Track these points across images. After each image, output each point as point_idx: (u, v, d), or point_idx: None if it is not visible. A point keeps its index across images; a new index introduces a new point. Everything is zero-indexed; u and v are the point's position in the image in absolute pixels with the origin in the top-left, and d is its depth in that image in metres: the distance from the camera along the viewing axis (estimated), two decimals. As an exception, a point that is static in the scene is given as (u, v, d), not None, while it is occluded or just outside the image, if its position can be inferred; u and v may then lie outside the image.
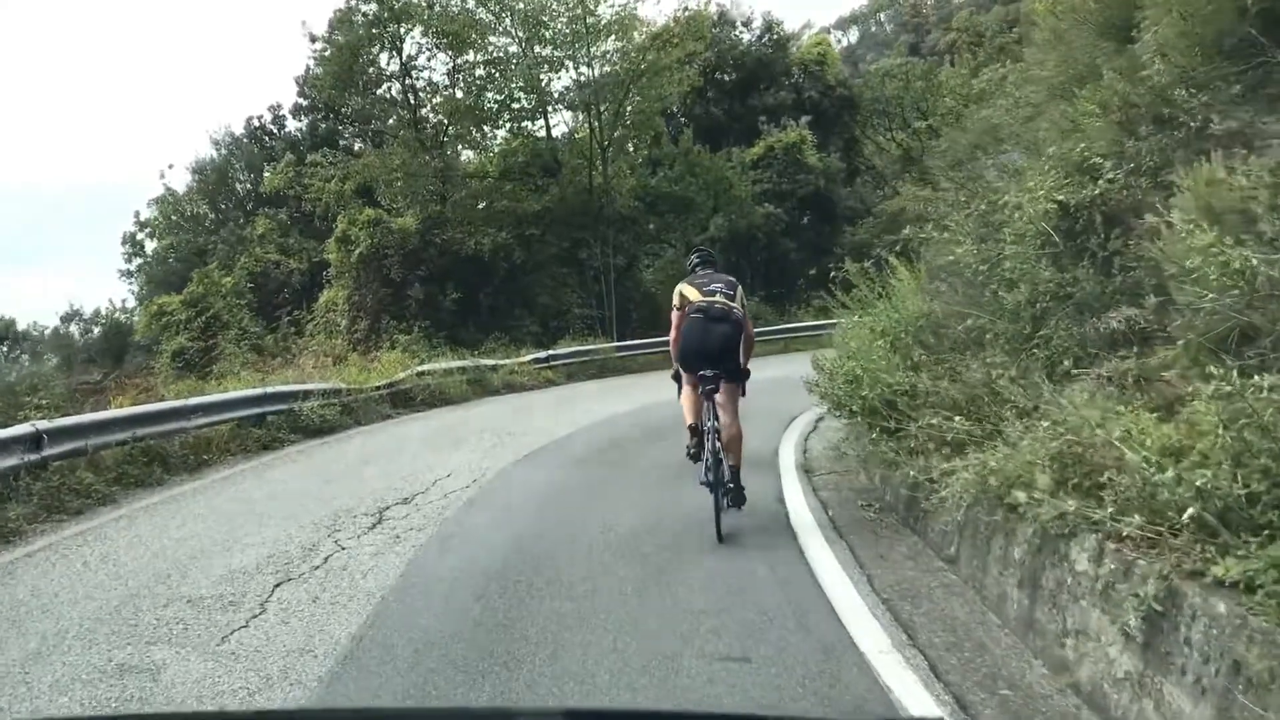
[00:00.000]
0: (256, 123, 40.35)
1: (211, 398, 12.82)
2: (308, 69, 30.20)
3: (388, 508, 7.73)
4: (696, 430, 6.57)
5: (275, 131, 40.00)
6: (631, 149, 30.45)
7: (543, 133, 29.43)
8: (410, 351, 22.68)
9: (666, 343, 6.98)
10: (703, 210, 30.58)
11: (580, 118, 29.53)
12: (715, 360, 6.33)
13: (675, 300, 6.67)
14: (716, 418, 6.30)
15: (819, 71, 38.77)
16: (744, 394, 6.68)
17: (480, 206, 28.33)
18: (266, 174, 34.79)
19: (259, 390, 13.59)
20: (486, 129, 28.64)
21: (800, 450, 9.71)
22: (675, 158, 29.81)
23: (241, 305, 26.40)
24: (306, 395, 13.97)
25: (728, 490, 6.25)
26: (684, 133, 30.78)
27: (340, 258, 26.37)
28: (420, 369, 18.05)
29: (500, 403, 18.04)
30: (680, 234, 31.49)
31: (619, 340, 25.58)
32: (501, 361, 21.00)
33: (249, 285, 28.08)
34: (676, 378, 6.96)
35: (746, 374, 6.65)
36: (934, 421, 5.39)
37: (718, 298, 6.46)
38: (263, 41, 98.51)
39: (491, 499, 8.08)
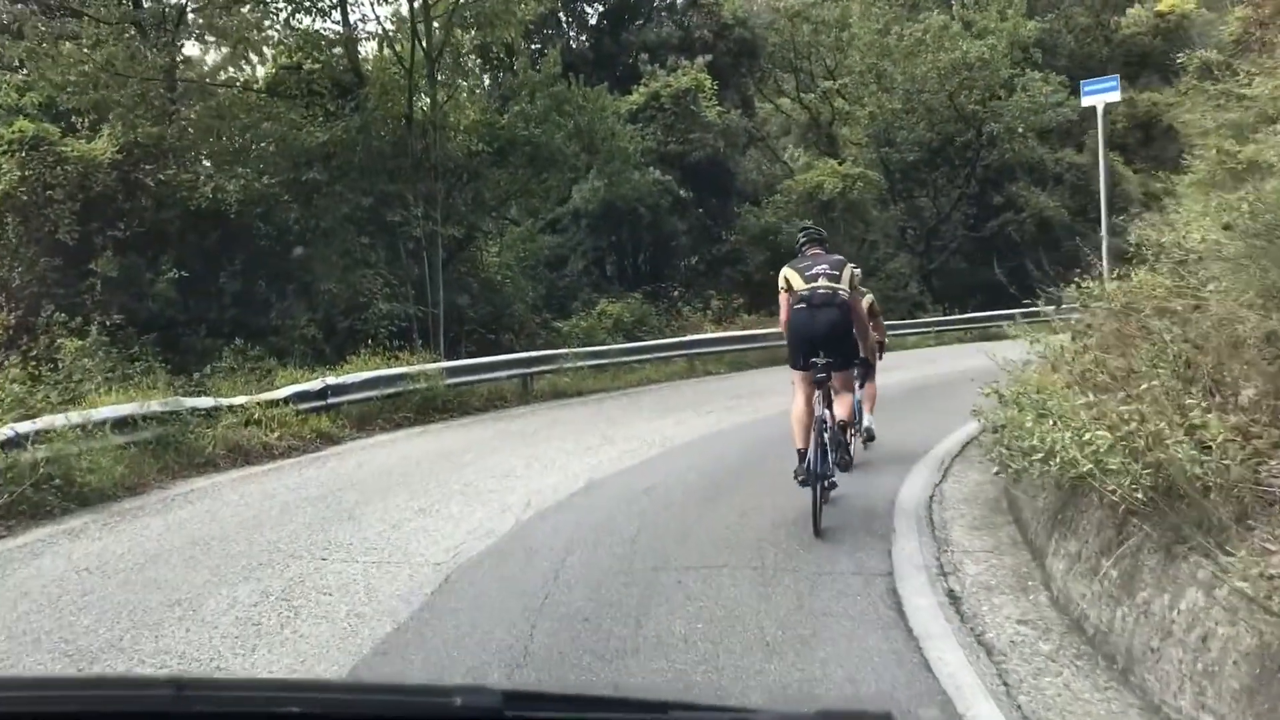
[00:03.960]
0: (-82, 11, 27.86)
1: None
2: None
3: None
4: (805, 455, 6.04)
5: (-53, 25, 27.68)
6: (473, 65, 20.75)
7: (339, 29, 19.26)
8: (79, 372, 12.74)
9: (523, 361, 8.23)
10: (573, 166, 21.37)
11: (396, 13, 19.57)
12: (824, 348, 6.17)
13: (781, 283, 6.58)
14: (828, 406, 6.16)
15: (713, 6, 30.36)
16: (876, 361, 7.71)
17: (244, 142, 18.08)
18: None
19: None
20: (246, 15, 18.06)
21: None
22: (535, 87, 20.30)
23: None
24: None
25: (831, 486, 6.14)
26: (548, 54, 21.34)
27: (-32, 201, 15.47)
28: (15, 428, 8.13)
29: (201, 504, 8.29)
30: (540, 198, 22.18)
31: (448, 357, 16.10)
32: (232, 401, 11.20)
33: None
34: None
35: (881, 348, 7.25)
36: None
37: (820, 282, 6.31)
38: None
39: None
